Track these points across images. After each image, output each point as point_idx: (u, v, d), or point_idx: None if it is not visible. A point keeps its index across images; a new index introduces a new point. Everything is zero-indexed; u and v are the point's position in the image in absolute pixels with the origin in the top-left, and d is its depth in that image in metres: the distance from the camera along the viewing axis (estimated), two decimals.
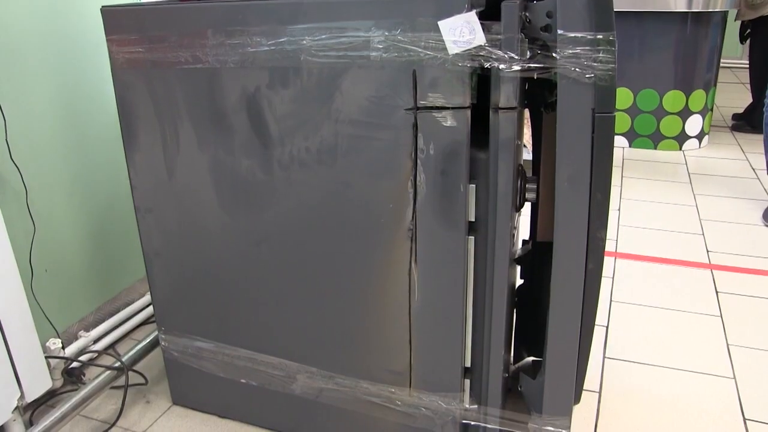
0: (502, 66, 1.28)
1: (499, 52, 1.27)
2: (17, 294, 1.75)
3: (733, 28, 5.00)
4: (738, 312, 2.46)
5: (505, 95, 1.31)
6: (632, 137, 4.77)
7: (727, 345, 2.25)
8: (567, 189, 1.35)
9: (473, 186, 1.41)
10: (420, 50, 1.31)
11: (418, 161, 1.39)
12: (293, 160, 1.50)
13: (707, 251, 3.00)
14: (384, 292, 1.54)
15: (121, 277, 2.49)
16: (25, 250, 2.02)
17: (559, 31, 1.26)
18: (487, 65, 1.29)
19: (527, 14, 1.31)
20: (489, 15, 1.31)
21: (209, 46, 1.49)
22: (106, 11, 1.60)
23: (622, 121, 4.74)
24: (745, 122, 5.17)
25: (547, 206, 1.59)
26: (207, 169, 1.61)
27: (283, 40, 1.40)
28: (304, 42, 1.39)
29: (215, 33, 1.47)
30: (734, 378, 2.07)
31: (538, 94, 1.62)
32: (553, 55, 1.27)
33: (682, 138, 4.72)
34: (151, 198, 1.73)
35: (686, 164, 4.38)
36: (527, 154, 2.01)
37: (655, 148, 4.75)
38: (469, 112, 1.33)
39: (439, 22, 1.27)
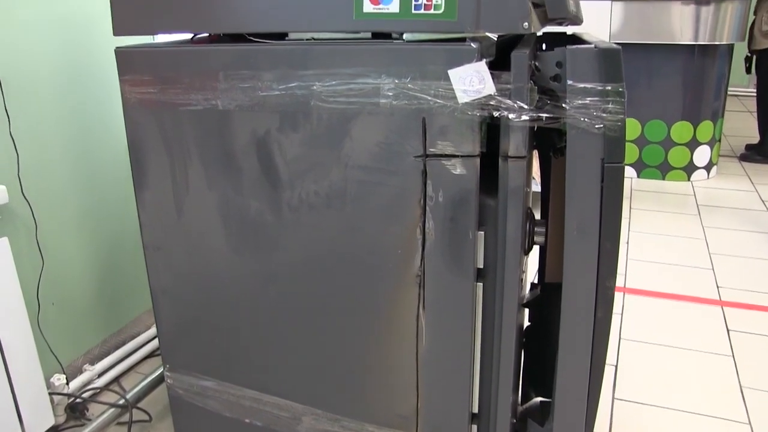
0: (511, 115, 1.28)
1: (509, 102, 1.28)
2: (23, 330, 1.76)
3: (740, 56, 5.01)
4: (751, 352, 2.44)
5: (515, 144, 1.31)
6: (640, 168, 4.77)
7: (741, 387, 2.23)
8: (576, 238, 1.35)
9: (482, 233, 1.41)
10: (430, 98, 1.31)
11: (427, 208, 1.39)
12: (302, 203, 1.50)
13: (717, 287, 2.99)
14: (391, 336, 1.53)
15: (127, 310, 2.49)
16: (33, 285, 2.03)
17: (569, 82, 1.26)
18: (496, 114, 1.29)
19: (537, 64, 1.31)
20: (499, 64, 1.31)
21: (220, 89, 1.49)
22: (119, 52, 1.61)
23: (630, 152, 4.75)
24: (755, 152, 5.16)
25: (556, 248, 1.58)
26: (216, 209, 1.62)
27: (293, 84, 1.41)
28: (315, 87, 1.39)
29: (226, 76, 1.48)
30: (749, 423, 2.05)
31: (548, 137, 1.62)
32: (563, 105, 1.27)
33: (690, 169, 4.71)
34: (160, 236, 1.73)
35: (695, 195, 4.38)
36: (536, 186, 2.01)
37: (664, 179, 4.75)
38: (478, 160, 1.33)
39: (450, 71, 1.28)
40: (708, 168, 4.76)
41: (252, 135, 1.50)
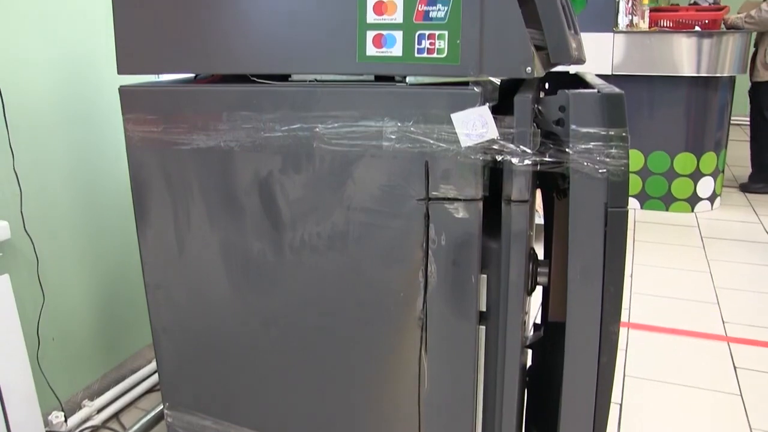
0: (514, 160, 1.28)
1: (512, 146, 1.27)
2: (22, 368, 1.74)
3: (742, 85, 5.03)
4: (759, 391, 2.41)
5: (518, 188, 1.30)
6: (644, 199, 4.77)
7: (750, 428, 2.20)
8: (579, 282, 1.34)
9: (485, 276, 1.40)
10: (433, 142, 1.31)
11: (430, 251, 1.38)
12: (304, 244, 1.49)
13: (723, 322, 2.97)
14: (393, 379, 1.52)
15: (128, 344, 2.47)
16: (33, 320, 2.02)
17: (572, 126, 1.26)
18: (499, 159, 1.28)
19: (540, 107, 1.31)
20: (502, 107, 1.31)
21: (223, 129, 1.49)
22: (123, 91, 1.62)
23: (633, 183, 4.74)
24: (753, 181, 5.17)
25: (560, 287, 1.57)
26: (218, 248, 1.61)
27: (296, 126, 1.41)
28: (317, 129, 1.39)
29: (229, 116, 1.48)
30: None
31: (551, 176, 1.61)
32: (566, 150, 1.27)
33: (693, 200, 4.71)
34: (161, 274, 1.73)
35: (698, 227, 4.37)
36: (539, 219, 2.00)
37: (667, 210, 4.74)
38: (481, 204, 1.33)
39: (452, 115, 1.28)
40: (712, 199, 4.75)
41: (254, 175, 1.50)
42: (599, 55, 4.45)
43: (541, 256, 1.75)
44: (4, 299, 1.73)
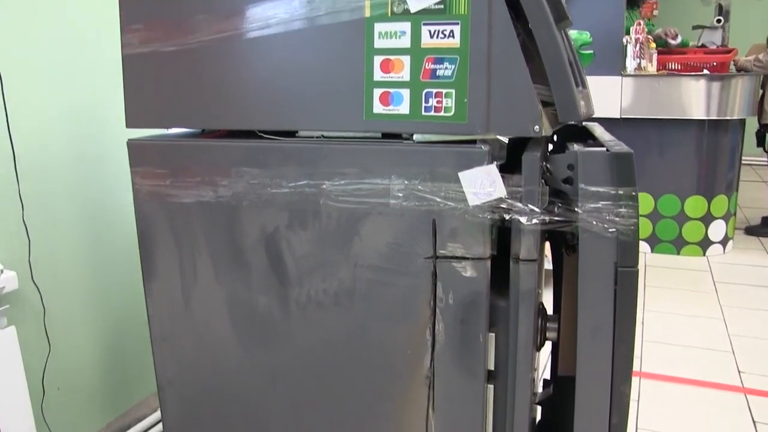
0: (522, 219, 1.27)
1: (520, 205, 1.26)
2: (25, 418, 1.73)
3: (753, 128, 5.02)
4: None
5: (526, 247, 1.29)
6: (654, 242, 4.74)
7: None
8: (589, 341, 1.32)
9: (493, 334, 1.38)
10: (440, 200, 1.30)
11: (437, 309, 1.37)
12: (310, 300, 1.48)
13: (739, 372, 2.91)
14: None
15: (133, 393, 2.45)
16: (39, 370, 2.00)
17: (581, 185, 1.25)
18: (507, 217, 1.27)
19: (548, 165, 1.30)
20: (509, 163, 1.31)
21: (230, 184, 1.49)
22: (132, 144, 1.62)
23: (643, 227, 4.72)
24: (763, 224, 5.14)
25: (569, 341, 1.55)
26: (224, 302, 1.60)
27: (303, 183, 1.41)
28: (324, 186, 1.39)
29: (236, 171, 1.48)
30: None
31: (560, 231, 1.60)
32: (575, 209, 1.26)
33: (705, 243, 4.67)
34: (167, 327, 1.71)
35: (711, 271, 4.32)
36: (547, 264, 1.98)
37: (678, 254, 4.70)
38: (489, 262, 1.31)
39: (460, 174, 1.27)
40: (724, 243, 4.72)
41: (261, 231, 1.49)
42: (607, 98, 4.46)
43: (549, 307, 1.73)
44: (10, 351, 1.72)
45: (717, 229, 4.67)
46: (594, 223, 1.25)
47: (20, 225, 1.90)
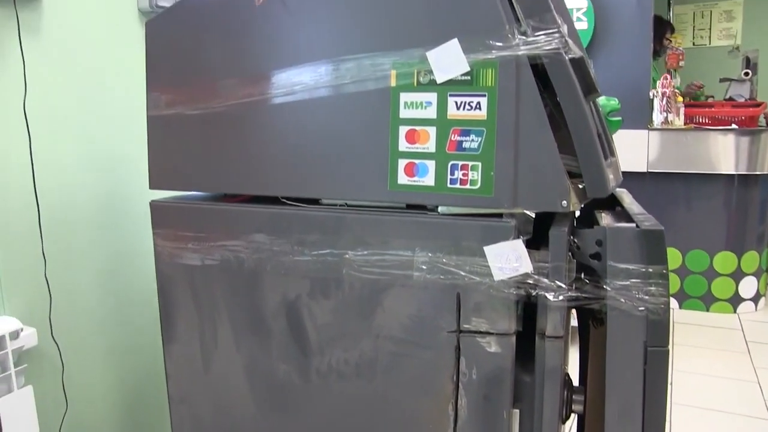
0: (549, 295, 1.23)
1: (546, 281, 1.23)
2: None
3: None
4: None
5: (552, 324, 1.25)
6: (682, 298, 4.65)
7: None
8: (617, 422, 1.27)
9: (517, 411, 1.34)
10: (464, 274, 1.27)
11: (460, 384, 1.33)
12: (331, 370, 1.45)
13: None
14: None
15: None
16: (55, 428, 1.98)
17: (609, 262, 1.22)
18: (533, 293, 1.24)
19: (575, 240, 1.28)
20: (536, 237, 1.28)
21: (252, 249, 1.48)
22: (154, 206, 1.62)
23: (671, 282, 4.64)
24: None
25: (596, 415, 1.50)
26: (243, 367, 1.57)
27: (325, 251, 1.39)
28: (347, 256, 1.37)
29: (258, 237, 1.47)
30: None
31: None
32: (603, 286, 1.23)
33: (735, 300, 4.58)
34: (186, 389, 1.69)
35: (742, 330, 4.22)
36: (574, 320, 1.92)
37: (707, 311, 4.61)
38: (514, 338, 1.28)
39: (485, 248, 1.25)
40: (755, 300, 4.61)
41: (282, 298, 1.47)
42: (634, 152, 4.43)
43: (574, 364, 1.69)
44: (27, 412, 1.71)
45: (748, 286, 4.57)
46: (623, 300, 1.22)
47: (42, 282, 1.89)
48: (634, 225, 1.25)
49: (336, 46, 1.36)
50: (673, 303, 4.67)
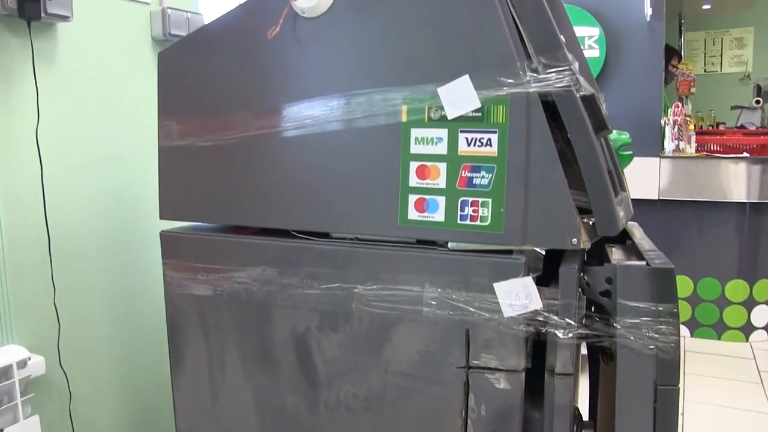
0: (558, 333, 1.23)
1: (556, 318, 1.23)
2: None
3: None
4: None
5: (562, 361, 1.25)
6: (694, 326, 4.61)
7: None
8: None
9: None
10: (474, 310, 1.27)
11: (469, 420, 1.32)
12: (340, 403, 1.44)
13: None
14: None
15: None
16: None
17: (619, 300, 1.21)
18: (543, 330, 1.24)
19: (585, 277, 1.27)
20: (546, 277, 1.28)
21: (262, 282, 1.48)
22: (164, 236, 1.63)
23: (682, 310, 4.60)
24: None
25: None
26: (251, 400, 1.57)
27: (334, 285, 1.39)
28: (356, 290, 1.37)
29: (268, 269, 1.47)
30: None
31: None
32: (613, 323, 1.22)
33: (748, 329, 4.53)
34: (193, 420, 1.68)
35: (755, 359, 4.17)
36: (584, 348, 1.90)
37: (719, 339, 4.56)
38: (523, 375, 1.27)
39: (495, 285, 1.24)
40: None
41: (291, 330, 1.47)
42: (645, 180, 4.41)
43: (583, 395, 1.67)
44: None
45: (761, 315, 4.52)
46: (633, 339, 1.21)
47: (51, 310, 1.90)
48: (644, 263, 1.24)
49: (347, 80, 1.37)
50: (685, 331, 4.62)
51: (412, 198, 1.31)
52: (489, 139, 1.24)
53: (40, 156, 1.84)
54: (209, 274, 1.55)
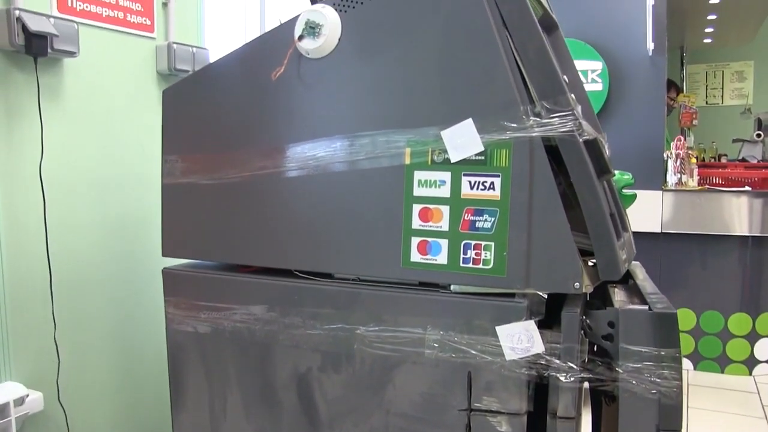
0: (561, 376, 1.22)
1: (558, 362, 1.22)
2: None
3: None
4: None
5: (564, 405, 1.24)
6: (697, 359, 4.58)
7: None
8: None
9: None
10: (476, 353, 1.27)
11: None
12: None
13: None
14: None
15: None
16: None
17: (621, 344, 1.21)
18: (545, 374, 1.23)
19: (588, 321, 1.27)
20: (548, 320, 1.27)
21: (264, 321, 1.48)
22: (166, 273, 1.63)
23: (685, 343, 4.57)
24: None
25: None
26: None
27: (337, 326, 1.39)
28: (359, 331, 1.37)
29: (270, 308, 1.47)
30: None
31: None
32: (616, 368, 1.21)
33: (751, 362, 4.50)
34: None
35: (758, 393, 4.14)
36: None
37: (723, 372, 4.53)
38: (525, 418, 1.27)
39: (497, 328, 1.24)
40: None
41: (293, 370, 1.46)
42: (648, 213, 4.41)
43: None
44: None
45: (764, 348, 4.50)
46: (635, 383, 1.21)
47: (51, 344, 1.90)
48: (646, 307, 1.24)
49: (351, 121, 1.38)
50: (688, 364, 4.59)
51: (415, 240, 1.31)
52: (492, 183, 1.25)
53: (43, 190, 1.85)
54: (211, 313, 1.55)
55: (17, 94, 1.80)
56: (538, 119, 1.22)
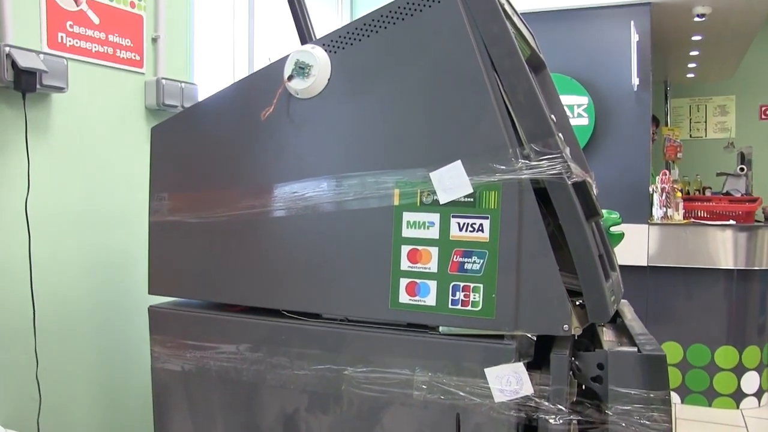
0: (550, 419, 1.21)
1: (547, 404, 1.22)
2: None
3: None
4: None
5: None
6: (684, 393, 4.58)
7: None
8: None
9: None
10: (464, 394, 1.26)
11: None
12: None
13: None
14: None
15: None
16: None
17: (611, 386, 1.21)
18: (534, 416, 1.22)
19: (577, 362, 1.26)
20: (537, 361, 1.27)
21: (250, 360, 1.47)
22: (152, 311, 1.62)
23: (673, 377, 4.57)
24: None
25: None
26: None
27: (324, 367, 1.38)
28: (346, 372, 1.36)
29: (257, 348, 1.46)
30: None
31: None
32: (605, 410, 1.21)
33: (738, 396, 4.50)
34: None
35: (746, 427, 4.14)
36: None
37: (710, 406, 4.52)
38: None
39: (486, 370, 1.24)
40: (758, 395, 4.54)
41: (280, 411, 1.45)
42: (634, 246, 4.43)
43: None
44: None
45: (750, 381, 4.50)
46: (624, 425, 1.20)
47: (33, 382, 1.87)
48: (635, 349, 1.24)
49: (340, 162, 1.38)
50: (675, 398, 4.59)
51: (404, 281, 1.31)
52: (481, 225, 1.25)
53: (28, 227, 1.84)
54: (197, 351, 1.53)
55: (4, 130, 1.80)
56: (527, 161, 1.23)
